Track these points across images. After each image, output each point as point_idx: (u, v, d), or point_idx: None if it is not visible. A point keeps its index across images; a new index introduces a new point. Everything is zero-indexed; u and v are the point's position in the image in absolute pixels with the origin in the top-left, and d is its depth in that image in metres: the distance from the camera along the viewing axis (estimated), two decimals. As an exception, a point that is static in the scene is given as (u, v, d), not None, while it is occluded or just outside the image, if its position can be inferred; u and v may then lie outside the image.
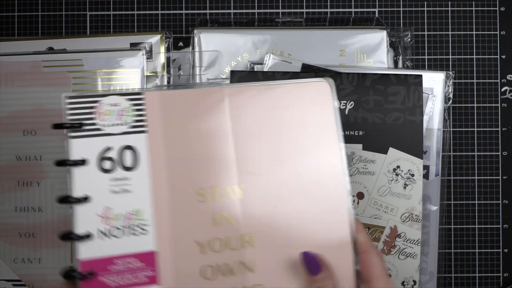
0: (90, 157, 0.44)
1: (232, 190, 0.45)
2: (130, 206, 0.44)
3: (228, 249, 0.45)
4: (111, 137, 0.45)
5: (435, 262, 0.59)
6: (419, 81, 0.57)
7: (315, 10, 0.63)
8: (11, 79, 0.59)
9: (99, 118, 0.45)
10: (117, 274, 0.44)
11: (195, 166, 0.45)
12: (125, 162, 0.44)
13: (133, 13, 0.63)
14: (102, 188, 0.44)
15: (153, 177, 0.45)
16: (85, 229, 0.44)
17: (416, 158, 0.56)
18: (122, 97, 0.45)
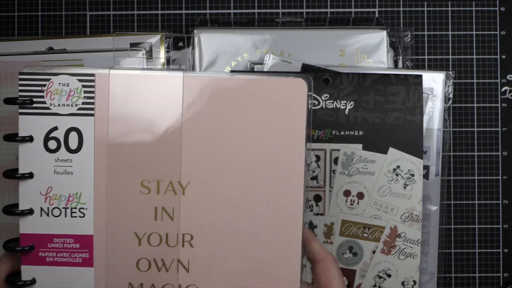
0: (37, 135, 0.44)
1: (177, 186, 0.44)
2: (71, 188, 0.45)
3: (166, 245, 0.45)
4: (58, 117, 0.44)
5: (435, 262, 0.59)
6: (419, 81, 0.57)
7: (315, 10, 0.63)
8: (11, 79, 0.59)
9: (48, 97, 0.44)
10: (54, 251, 0.45)
11: (141, 156, 0.44)
12: (69, 144, 0.44)
13: (133, 13, 0.63)
14: (46, 167, 0.44)
15: (97, 162, 0.44)
16: (28, 205, 0.45)
17: (416, 158, 0.56)
18: (73, 77, 0.44)
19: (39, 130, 0.44)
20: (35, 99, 0.44)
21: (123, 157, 0.44)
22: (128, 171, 0.44)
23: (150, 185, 0.44)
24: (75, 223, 0.45)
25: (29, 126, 0.45)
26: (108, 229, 0.45)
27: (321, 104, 0.57)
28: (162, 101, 0.44)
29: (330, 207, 0.57)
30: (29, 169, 0.45)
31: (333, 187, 0.57)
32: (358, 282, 0.57)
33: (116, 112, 0.44)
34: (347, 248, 0.57)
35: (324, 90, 0.57)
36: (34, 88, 0.44)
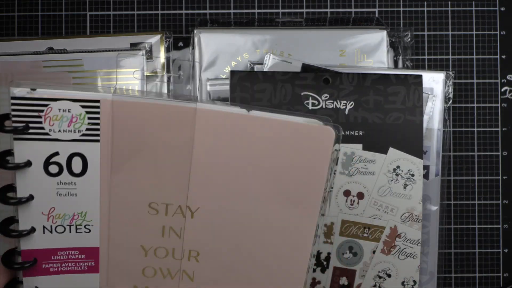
0: (36, 160, 0.41)
1: (185, 210, 0.43)
2: (76, 208, 0.43)
3: (172, 258, 0.44)
4: (59, 143, 0.41)
5: (435, 262, 0.59)
6: (419, 81, 0.57)
7: (315, 10, 0.63)
8: (11, 79, 0.59)
9: (47, 123, 0.41)
10: (58, 262, 0.43)
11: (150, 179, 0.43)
12: (72, 168, 0.42)
13: (133, 13, 0.63)
14: (47, 190, 0.42)
15: (102, 185, 0.42)
16: (29, 225, 0.42)
17: (416, 158, 0.56)
18: (76, 103, 0.41)
19: (38, 156, 0.41)
20: (32, 124, 0.41)
21: (130, 181, 0.42)
22: (135, 195, 0.43)
23: (157, 207, 0.43)
24: (81, 238, 0.43)
25: (26, 152, 0.41)
26: (115, 242, 0.43)
27: (321, 104, 0.57)
28: (172, 130, 0.42)
29: (330, 207, 0.57)
30: (28, 192, 0.42)
31: (333, 187, 0.57)
32: (358, 282, 0.57)
33: (122, 138, 0.42)
34: (347, 248, 0.57)
35: (324, 90, 0.57)
36: (30, 113, 0.41)
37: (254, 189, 0.43)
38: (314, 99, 0.57)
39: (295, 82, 0.57)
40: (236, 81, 0.57)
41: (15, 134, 0.41)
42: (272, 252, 0.43)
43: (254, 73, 0.57)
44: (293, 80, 0.57)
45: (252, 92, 0.56)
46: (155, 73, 0.60)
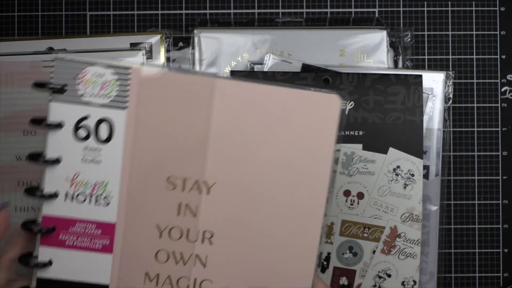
0: (67, 122, 0.44)
1: (202, 185, 0.45)
2: (98, 177, 0.44)
3: (186, 240, 0.45)
4: (89, 107, 0.44)
5: (435, 262, 0.59)
6: (419, 81, 0.57)
7: (315, 10, 0.63)
8: (11, 79, 0.59)
9: (82, 86, 0.44)
10: (75, 235, 0.45)
11: (170, 153, 0.44)
12: (99, 134, 0.44)
13: (133, 13, 0.63)
14: (73, 154, 0.44)
15: (125, 154, 0.44)
16: (53, 188, 0.45)
17: (416, 158, 0.56)
18: (109, 69, 0.44)
19: (69, 118, 0.44)
20: (67, 87, 0.44)
21: (152, 151, 0.44)
22: (155, 165, 0.44)
23: (176, 181, 0.45)
24: (99, 210, 0.45)
25: (60, 113, 0.44)
26: (131, 219, 0.45)
27: (321, 104, 0.57)
28: (193, 103, 0.44)
29: (330, 207, 0.57)
30: (57, 154, 0.44)
31: (333, 187, 0.57)
32: (358, 282, 0.57)
33: (148, 107, 0.44)
34: (347, 248, 0.57)
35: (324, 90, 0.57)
36: (68, 76, 0.44)
37: (267, 161, 0.44)
38: (314, 99, 0.57)
39: (295, 82, 0.57)
40: (236, 81, 0.57)
41: (52, 93, 0.44)
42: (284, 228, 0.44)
43: (254, 73, 0.57)
44: (293, 80, 0.57)
45: (252, 92, 0.56)
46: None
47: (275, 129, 0.44)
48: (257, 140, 0.44)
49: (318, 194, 0.44)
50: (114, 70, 0.44)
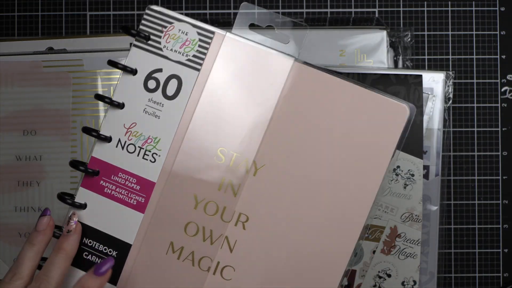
0: (141, 70, 0.45)
1: (251, 165, 0.44)
2: (153, 131, 0.45)
3: (220, 218, 0.44)
4: (166, 61, 0.45)
5: (435, 262, 0.59)
6: (419, 81, 0.57)
7: (315, 10, 0.63)
8: (11, 79, 0.59)
9: (165, 39, 0.45)
10: (115, 185, 0.45)
11: (228, 125, 0.44)
12: (167, 89, 0.45)
13: (133, 13, 0.63)
14: (137, 103, 0.45)
15: (185, 116, 0.45)
16: (109, 132, 0.45)
17: (416, 158, 0.56)
18: (194, 29, 0.45)
19: (144, 67, 0.45)
20: (152, 37, 0.45)
21: (210, 119, 0.45)
22: (210, 134, 0.45)
23: (226, 155, 0.44)
24: (144, 165, 0.45)
25: (137, 60, 0.45)
26: (171, 182, 0.45)
27: (321, 104, 0.57)
28: (264, 79, 0.44)
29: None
30: (123, 99, 0.45)
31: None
32: (358, 282, 0.57)
33: (219, 74, 0.45)
34: (347, 248, 0.57)
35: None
36: (156, 26, 0.45)
37: (322, 156, 0.44)
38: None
39: (295, 82, 0.57)
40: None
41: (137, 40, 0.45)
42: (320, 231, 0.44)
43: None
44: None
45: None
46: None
47: (338, 126, 0.44)
48: (317, 133, 0.44)
49: (364, 203, 0.43)
50: (199, 30, 0.45)
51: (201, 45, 0.45)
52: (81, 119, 0.58)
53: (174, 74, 0.45)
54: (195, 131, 0.45)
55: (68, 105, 0.58)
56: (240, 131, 0.44)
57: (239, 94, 0.44)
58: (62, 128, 0.58)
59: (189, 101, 0.45)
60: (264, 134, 0.44)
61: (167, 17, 0.45)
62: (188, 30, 0.45)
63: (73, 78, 0.59)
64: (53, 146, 0.58)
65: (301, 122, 0.44)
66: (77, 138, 0.58)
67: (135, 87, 0.45)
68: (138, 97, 0.45)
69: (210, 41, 0.45)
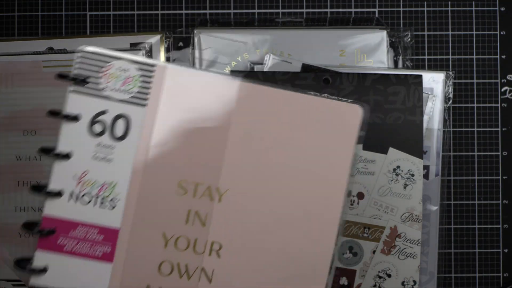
0: (84, 115, 0.43)
1: (214, 192, 0.43)
2: (107, 176, 0.43)
3: (193, 251, 0.43)
4: (109, 102, 0.43)
5: (435, 262, 0.59)
6: (419, 81, 0.57)
7: (315, 10, 0.63)
8: (11, 79, 0.59)
9: (104, 79, 0.43)
10: (75, 240, 0.43)
11: (184, 155, 0.43)
12: (115, 130, 0.43)
13: (133, 13, 0.63)
14: (85, 150, 0.43)
15: (138, 154, 0.43)
16: (59, 186, 0.43)
17: (416, 158, 0.56)
18: (133, 65, 0.43)
19: (87, 111, 0.43)
20: (90, 80, 0.43)
21: (165, 153, 0.43)
22: (168, 168, 0.43)
23: (187, 186, 0.43)
24: (103, 213, 0.43)
25: (78, 105, 0.43)
26: (136, 225, 0.43)
27: (321, 104, 0.57)
28: (213, 105, 0.43)
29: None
30: (68, 149, 0.43)
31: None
32: (358, 282, 0.57)
33: (166, 107, 0.43)
34: (347, 248, 0.57)
35: (324, 90, 0.57)
36: (92, 68, 0.43)
37: (284, 170, 0.43)
38: (314, 99, 0.57)
39: (295, 82, 0.57)
40: (236, 81, 0.57)
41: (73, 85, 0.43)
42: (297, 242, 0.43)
43: (254, 73, 0.57)
44: (293, 80, 0.57)
45: (252, 92, 0.56)
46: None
47: (294, 137, 0.43)
48: (276, 147, 0.43)
49: (334, 205, 0.43)
50: (139, 66, 0.43)
51: (144, 80, 0.43)
52: (81, 119, 0.58)
53: (120, 114, 0.43)
54: (152, 167, 0.43)
55: (68, 105, 0.58)
56: (198, 159, 0.43)
57: (191, 123, 0.43)
58: (62, 128, 0.58)
59: (141, 138, 0.43)
60: (223, 158, 0.43)
61: (102, 56, 0.43)
62: (128, 67, 0.43)
63: (73, 78, 0.59)
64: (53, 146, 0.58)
65: (258, 140, 0.43)
66: (77, 138, 0.58)
67: (79, 134, 0.43)
68: (85, 144, 0.43)
69: (152, 74, 0.43)
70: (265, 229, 0.43)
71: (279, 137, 0.43)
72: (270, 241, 0.43)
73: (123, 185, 0.43)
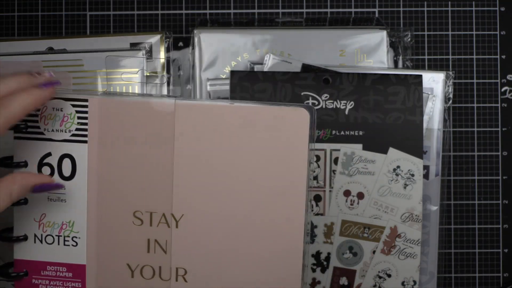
0: (31, 160, 0.43)
1: (170, 218, 0.43)
2: (64, 216, 0.43)
3: (159, 279, 0.43)
4: (52, 143, 0.43)
5: (435, 262, 0.59)
6: (419, 81, 0.57)
7: (315, 10, 0.63)
8: (11, 79, 0.59)
9: (42, 122, 0.43)
10: (47, 279, 0.44)
11: (133, 187, 0.43)
12: (63, 171, 0.43)
13: (133, 13, 0.63)
14: (40, 194, 0.43)
15: (90, 191, 0.43)
16: (23, 231, 0.44)
17: (416, 158, 0.56)
18: (67, 102, 0.43)
19: (33, 156, 0.43)
20: (30, 124, 0.43)
21: (115, 186, 0.43)
22: (120, 201, 0.43)
23: (142, 216, 0.43)
24: (68, 252, 0.44)
25: (24, 151, 0.43)
26: (101, 259, 0.43)
27: (321, 104, 0.57)
28: (153, 129, 0.43)
29: (330, 207, 0.57)
30: None
31: (333, 187, 0.57)
32: (358, 282, 0.57)
33: (108, 139, 0.43)
34: (347, 248, 0.57)
35: (324, 90, 0.57)
36: None
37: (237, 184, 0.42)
38: (314, 99, 0.57)
39: (295, 82, 0.57)
40: (236, 81, 0.57)
41: (15, 132, 0.43)
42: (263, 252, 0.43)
43: (254, 73, 0.57)
44: (293, 80, 0.57)
45: (252, 92, 0.56)
46: (155, 73, 0.60)
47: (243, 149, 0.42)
48: (225, 163, 0.42)
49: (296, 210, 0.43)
50: (72, 102, 0.43)
51: (80, 116, 0.43)
52: (81, 119, 0.58)
53: (64, 153, 0.43)
54: (105, 202, 0.43)
55: (68, 105, 0.58)
56: (148, 188, 0.43)
57: (134, 152, 0.43)
58: (62, 128, 0.58)
59: (89, 175, 0.43)
60: (172, 184, 0.43)
61: None
62: (62, 105, 0.43)
63: (73, 78, 0.59)
64: (53, 146, 0.58)
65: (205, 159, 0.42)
66: (77, 138, 0.58)
67: None
68: None
69: (86, 109, 0.43)
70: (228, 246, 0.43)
71: (227, 152, 0.42)
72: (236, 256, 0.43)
73: (81, 222, 0.43)
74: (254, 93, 0.56)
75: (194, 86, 0.60)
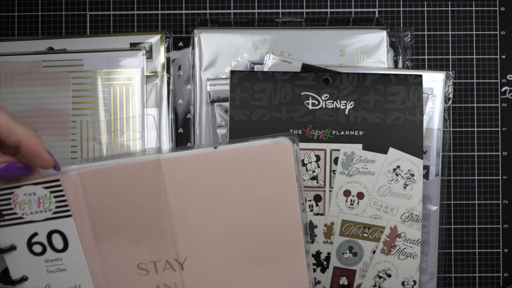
0: (19, 243, 0.43)
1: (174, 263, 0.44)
2: (69, 282, 0.44)
3: None
4: (34, 224, 0.43)
5: (435, 262, 0.59)
6: (419, 81, 0.57)
7: (315, 10, 0.63)
8: (11, 79, 0.59)
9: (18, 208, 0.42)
10: None
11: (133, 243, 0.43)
12: (54, 245, 0.43)
13: (133, 13, 0.63)
14: (38, 269, 0.43)
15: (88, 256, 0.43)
16: None
17: (416, 158, 0.56)
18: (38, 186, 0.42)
19: (19, 239, 0.43)
20: (5, 212, 0.43)
21: (113, 247, 0.43)
22: (122, 256, 0.43)
23: (147, 266, 0.44)
24: None
25: (8, 237, 0.43)
26: None
27: (321, 104, 0.57)
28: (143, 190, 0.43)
29: (330, 207, 0.57)
30: (22, 273, 0.43)
31: (333, 187, 0.57)
32: (358, 282, 0.57)
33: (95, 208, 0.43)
34: (347, 248, 0.57)
35: (324, 90, 0.57)
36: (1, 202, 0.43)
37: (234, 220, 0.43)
38: (314, 99, 0.57)
39: (295, 82, 0.57)
40: (236, 81, 0.57)
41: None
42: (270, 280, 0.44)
43: (254, 73, 0.57)
44: (293, 80, 0.57)
45: (252, 92, 0.56)
46: (155, 73, 0.60)
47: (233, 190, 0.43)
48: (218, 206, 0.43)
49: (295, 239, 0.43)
50: (43, 185, 0.42)
51: (56, 195, 0.42)
52: (81, 119, 0.58)
53: (51, 230, 0.43)
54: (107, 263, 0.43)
55: (68, 105, 0.58)
56: (147, 241, 0.43)
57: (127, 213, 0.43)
58: (62, 128, 0.58)
59: (83, 243, 0.43)
60: (171, 233, 0.43)
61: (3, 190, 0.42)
62: (33, 190, 0.42)
63: (73, 78, 0.59)
64: (53, 146, 0.58)
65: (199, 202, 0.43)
66: (77, 138, 0.58)
67: (24, 259, 0.43)
68: (34, 265, 0.43)
69: (61, 187, 0.42)
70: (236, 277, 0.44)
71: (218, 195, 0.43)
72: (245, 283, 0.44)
73: (87, 283, 0.44)
74: (254, 93, 0.56)
75: (194, 86, 0.60)
